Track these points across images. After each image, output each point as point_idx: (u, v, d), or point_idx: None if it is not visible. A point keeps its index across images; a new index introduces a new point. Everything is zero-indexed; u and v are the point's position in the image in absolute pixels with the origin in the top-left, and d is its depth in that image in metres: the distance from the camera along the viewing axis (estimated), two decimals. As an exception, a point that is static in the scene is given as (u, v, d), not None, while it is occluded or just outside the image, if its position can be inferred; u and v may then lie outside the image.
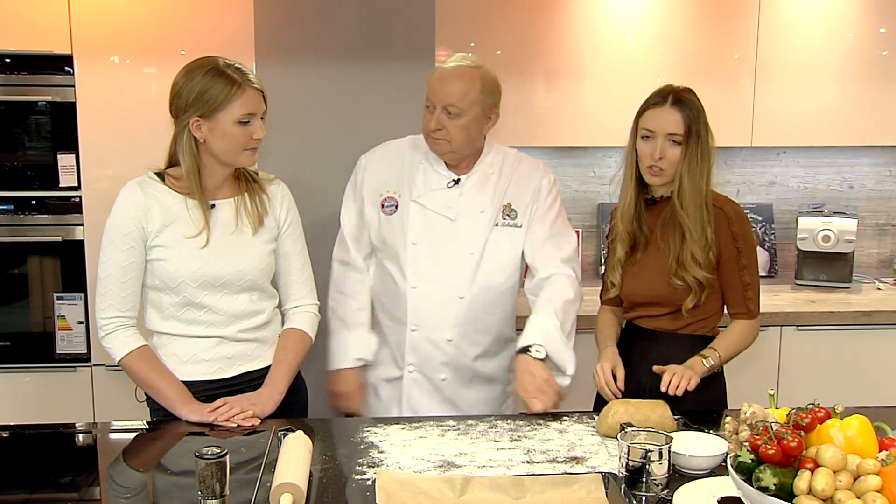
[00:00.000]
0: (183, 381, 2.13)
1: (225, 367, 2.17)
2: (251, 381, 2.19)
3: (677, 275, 2.19)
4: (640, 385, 2.21)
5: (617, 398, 2.14)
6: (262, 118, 2.10)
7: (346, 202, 2.50)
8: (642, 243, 2.29)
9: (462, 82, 2.28)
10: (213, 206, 2.13)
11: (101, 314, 2.12)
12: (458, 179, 2.38)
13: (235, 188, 2.18)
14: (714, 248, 2.19)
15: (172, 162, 2.15)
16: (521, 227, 2.39)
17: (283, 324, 2.29)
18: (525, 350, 2.23)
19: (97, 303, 2.13)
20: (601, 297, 2.43)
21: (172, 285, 2.10)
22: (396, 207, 2.38)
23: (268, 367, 2.22)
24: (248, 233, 2.16)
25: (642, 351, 2.30)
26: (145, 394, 2.18)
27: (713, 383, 2.25)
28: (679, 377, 2.09)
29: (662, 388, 2.09)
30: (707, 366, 2.17)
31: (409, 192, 2.39)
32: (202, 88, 2.03)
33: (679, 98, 2.19)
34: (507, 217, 2.38)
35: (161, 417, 2.15)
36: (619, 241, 2.31)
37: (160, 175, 2.14)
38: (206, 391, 2.14)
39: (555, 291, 2.34)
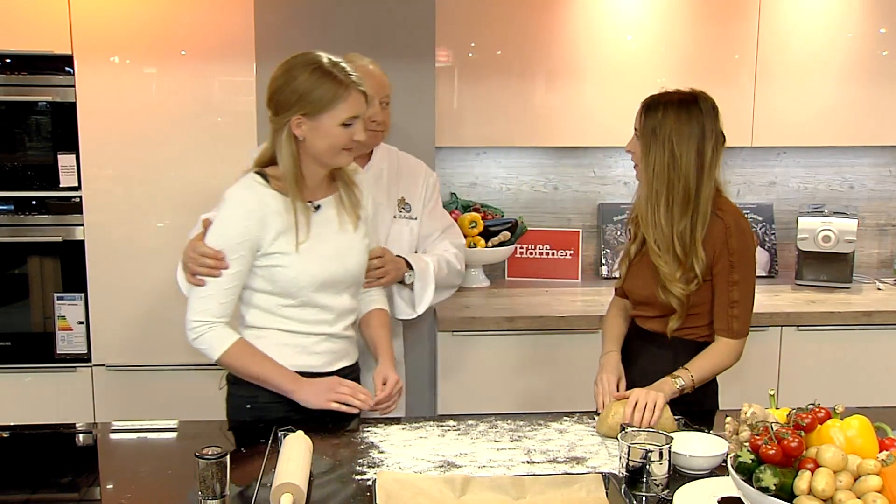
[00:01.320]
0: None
1: (331, 361, 2.17)
2: (346, 377, 2.17)
3: (664, 290, 2.17)
4: (634, 384, 2.19)
5: None
6: (362, 119, 2.06)
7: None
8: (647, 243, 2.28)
9: (379, 73, 2.39)
10: (319, 206, 2.10)
11: (193, 315, 2.05)
12: None
13: (332, 186, 2.15)
14: (703, 260, 2.12)
15: (269, 161, 2.09)
16: (416, 219, 2.49)
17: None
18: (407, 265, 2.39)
19: (193, 303, 2.06)
20: (615, 288, 2.43)
21: (293, 290, 2.06)
22: None
23: (355, 363, 2.24)
24: (350, 230, 2.14)
25: (638, 350, 2.29)
26: (227, 394, 2.18)
27: (704, 391, 2.22)
28: (641, 410, 2.00)
29: (625, 421, 1.99)
30: (678, 386, 2.10)
31: None
32: (308, 87, 1.98)
33: (656, 99, 2.15)
34: (402, 210, 2.47)
35: (238, 418, 2.14)
36: (630, 240, 2.31)
37: (262, 176, 2.07)
38: None
39: (448, 253, 2.53)
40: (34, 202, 3.02)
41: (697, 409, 2.16)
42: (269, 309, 2.10)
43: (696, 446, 1.84)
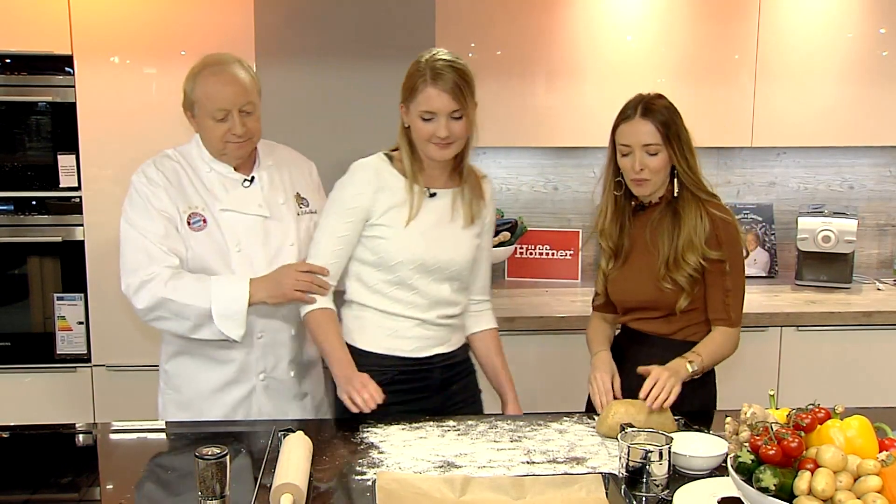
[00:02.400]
0: (382, 355, 2.18)
1: (422, 346, 2.21)
2: (443, 362, 2.24)
3: (667, 278, 2.17)
4: (634, 388, 2.19)
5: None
6: (454, 118, 2.08)
7: (141, 216, 2.24)
8: (627, 249, 2.27)
9: (243, 79, 2.23)
10: (434, 194, 2.18)
11: None
12: (253, 178, 2.31)
13: (456, 180, 2.22)
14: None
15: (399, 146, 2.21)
16: (315, 212, 2.37)
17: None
18: None
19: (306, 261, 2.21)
20: (592, 303, 2.42)
21: (390, 264, 2.15)
22: (205, 222, 2.25)
23: (458, 349, 2.29)
24: (461, 225, 2.21)
25: (636, 355, 2.28)
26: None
27: (703, 383, 2.23)
28: (660, 388, 2.02)
29: (641, 396, 2.01)
30: (690, 370, 2.12)
31: (212, 203, 2.26)
32: (405, 78, 2.12)
33: (648, 107, 2.18)
34: (301, 205, 2.38)
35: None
36: (602, 254, 2.33)
37: (389, 157, 2.19)
38: (403, 366, 2.19)
39: None
40: (34, 202, 3.02)
41: (692, 409, 2.16)
42: (368, 283, 2.19)
43: (696, 446, 1.84)
